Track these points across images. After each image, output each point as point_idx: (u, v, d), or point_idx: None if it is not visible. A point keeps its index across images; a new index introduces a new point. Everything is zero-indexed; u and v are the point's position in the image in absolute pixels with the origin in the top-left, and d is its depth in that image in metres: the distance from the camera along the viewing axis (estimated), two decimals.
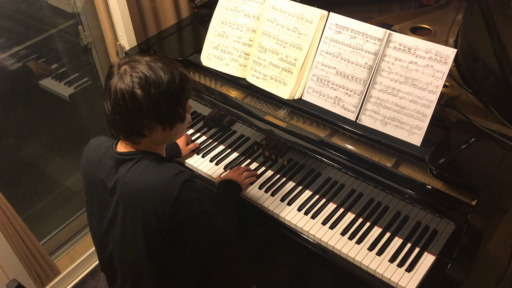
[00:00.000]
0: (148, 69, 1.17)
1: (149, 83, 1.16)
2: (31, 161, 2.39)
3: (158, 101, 1.18)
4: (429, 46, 1.40)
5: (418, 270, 1.35)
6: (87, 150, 1.36)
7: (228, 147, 1.79)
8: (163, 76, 1.18)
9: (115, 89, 1.16)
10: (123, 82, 1.16)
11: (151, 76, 1.17)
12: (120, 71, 1.18)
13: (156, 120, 1.21)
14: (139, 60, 1.19)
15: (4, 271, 1.93)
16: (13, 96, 2.13)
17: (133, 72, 1.17)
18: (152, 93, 1.16)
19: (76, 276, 2.25)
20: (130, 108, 1.17)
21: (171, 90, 1.20)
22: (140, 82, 1.16)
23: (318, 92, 1.59)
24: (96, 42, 2.27)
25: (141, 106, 1.17)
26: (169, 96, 1.20)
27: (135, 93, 1.16)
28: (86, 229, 2.54)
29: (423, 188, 1.37)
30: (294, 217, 1.52)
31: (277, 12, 1.63)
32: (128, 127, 1.21)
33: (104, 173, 1.28)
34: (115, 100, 1.17)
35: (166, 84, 1.19)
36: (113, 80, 1.17)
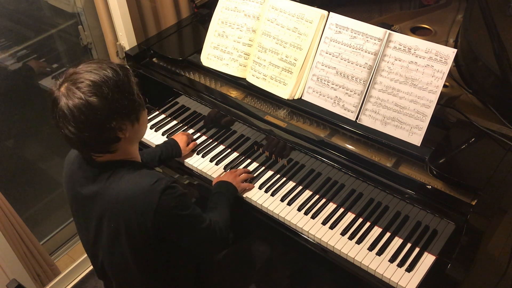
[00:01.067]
0: (89, 76, 1.13)
1: (98, 85, 1.12)
2: (31, 161, 2.39)
3: (115, 97, 1.14)
4: (429, 46, 1.40)
5: (418, 270, 1.35)
6: (66, 163, 1.34)
7: (228, 147, 1.79)
8: (106, 73, 1.15)
9: (69, 110, 1.11)
10: (73, 99, 1.11)
11: (96, 79, 1.13)
12: (62, 92, 1.12)
13: (123, 117, 1.17)
14: (75, 72, 1.15)
15: (4, 271, 1.93)
16: (13, 96, 2.13)
17: (77, 84, 1.12)
18: (106, 93, 1.13)
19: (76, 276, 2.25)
20: (93, 119, 1.12)
21: (119, 82, 1.16)
22: (90, 89, 1.11)
23: (318, 92, 1.59)
24: (96, 42, 2.27)
25: (103, 110, 1.12)
26: (122, 88, 1.16)
27: (91, 102, 1.11)
28: None
29: (423, 188, 1.37)
30: (294, 217, 1.52)
31: (277, 12, 1.63)
32: (101, 138, 1.16)
33: (81, 185, 1.26)
34: (74, 119, 1.11)
35: (112, 79, 1.15)
36: (61, 104, 1.12)
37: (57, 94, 1.13)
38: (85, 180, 1.25)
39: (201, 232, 1.31)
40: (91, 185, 1.24)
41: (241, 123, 1.69)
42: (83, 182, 1.26)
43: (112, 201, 1.21)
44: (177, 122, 1.92)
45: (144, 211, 1.19)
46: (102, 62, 1.18)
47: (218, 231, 1.36)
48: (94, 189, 1.23)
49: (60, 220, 2.51)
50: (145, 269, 1.31)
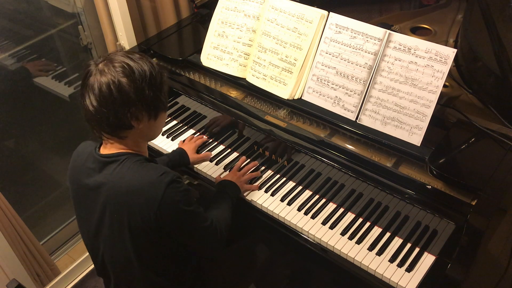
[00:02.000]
0: (128, 61, 1.20)
1: (133, 71, 1.19)
2: (31, 161, 2.39)
3: (144, 87, 1.20)
4: (429, 46, 1.40)
5: (418, 270, 1.35)
6: (73, 157, 1.36)
7: (228, 147, 1.79)
8: (144, 65, 1.22)
9: (99, 83, 1.17)
10: (106, 75, 1.17)
11: (133, 65, 1.20)
12: (99, 68, 1.19)
13: (143, 107, 1.22)
14: (115, 57, 1.22)
15: (4, 271, 1.93)
16: (13, 96, 2.13)
17: (114, 63, 1.19)
18: (137, 79, 1.19)
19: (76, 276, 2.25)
20: (117, 97, 1.17)
21: (153, 76, 1.23)
22: (124, 71, 1.18)
23: (318, 92, 1.59)
24: (96, 42, 2.27)
25: (128, 94, 1.18)
26: (153, 82, 1.22)
27: (121, 82, 1.17)
28: None
29: (423, 188, 1.37)
30: (294, 217, 1.52)
31: (277, 12, 1.63)
32: (116, 119, 1.20)
33: (88, 177, 1.27)
34: (100, 93, 1.17)
35: (148, 71, 1.22)
36: (95, 77, 1.18)
37: (93, 68, 1.20)
38: (91, 171, 1.27)
39: (201, 231, 1.32)
40: (97, 176, 1.25)
41: (241, 123, 1.69)
42: (89, 173, 1.27)
43: (117, 192, 1.22)
44: (177, 122, 1.92)
45: (148, 203, 1.20)
46: (143, 56, 1.26)
47: (218, 231, 1.37)
48: (100, 180, 1.24)
49: (60, 220, 2.51)
50: (145, 264, 1.31)
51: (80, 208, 1.35)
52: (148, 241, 1.27)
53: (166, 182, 1.20)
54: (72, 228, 2.53)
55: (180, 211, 1.24)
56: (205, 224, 1.32)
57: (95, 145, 1.32)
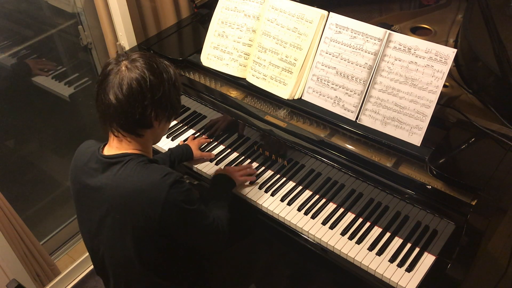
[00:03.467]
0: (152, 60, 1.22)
1: (160, 70, 1.21)
2: (31, 161, 2.39)
3: (170, 88, 1.23)
4: (429, 46, 1.40)
5: (418, 270, 1.35)
6: (75, 155, 1.35)
7: (228, 147, 1.79)
8: (166, 66, 1.25)
9: (129, 79, 1.17)
10: (135, 72, 1.18)
11: (158, 65, 1.22)
12: (122, 67, 1.19)
13: (166, 108, 1.24)
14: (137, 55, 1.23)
15: (4, 271, 1.93)
16: (13, 96, 2.13)
17: (139, 63, 1.20)
18: (164, 78, 1.21)
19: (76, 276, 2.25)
20: (147, 94, 1.18)
21: (177, 79, 1.26)
22: (152, 69, 1.19)
23: (318, 92, 1.59)
24: (96, 42, 2.27)
25: (158, 92, 1.20)
26: (176, 85, 1.26)
27: (151, 80, 1.19)
28: None
29: (423, 188, 1.37)
30: (294, 217, 1.52)
31: (277, 12, 1.63)
32: (140, 116, 1.21)
33: (90, 177, 1.27)
34: (130, 89, 1.17)
35: (171, 72, 1.25)
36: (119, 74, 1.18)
37: (114, 66, 1.20)
38: (94, 171, 1.26)
39: (204, 228, 1.33)
40: (100, 177, 1.25)
41: (241, 123, 1.69)
42: (92, 174, 1.27)
43: (121, 193, 1.22)
44: (177, 122, 1.92)
45: (152, 203, 1.20)
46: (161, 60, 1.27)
47: (220, 228, 1.37)
48: (103, 181, 1.24)
49: (60, 220, 2.51)
50: (146, 264, 1.31)
51: (81, 208, 1.35)
52: (150, 241, 1.27)
53: (169, 183, 1.20)
54: (72, 228, 2.53)
55: (184, 210, 1.25)
56: (207, 221, 1.33)
57: (98, 145, 1.31)
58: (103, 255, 1.35)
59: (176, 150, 1.69)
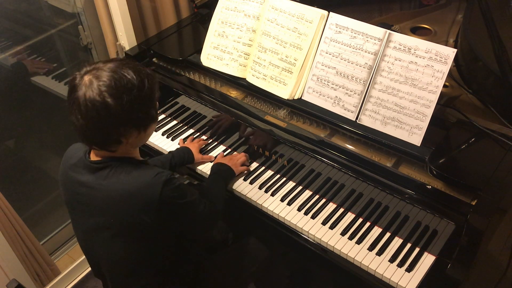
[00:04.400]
0: (115, 76, 1.13)
1: (120, 91, 1.13)
2: (31, 161, 2.39)
3: (132, 107, 1.15)
4: (429, 46, 1.40)
5: (418, 270, 1.35)
6: (63, 160, 1.33)
7: (229, 147, 1.79)
8: (132, 81, 1.15)
9: (84, 101, 1.11)
10: (92, 93, 1.11)
11: (120, 83, 1.13)
12: (84, 82, 1.13)
13: (132, 126, 1.19)
14: (103, 68, 1.15)
15: (4, 271, 1.93)
16: (13, 96, 2.13)
17: (100, 81, 1.12)
18: (124, 100, 1.13)
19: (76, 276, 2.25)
20: (104, 118, 1.13)
21: (142, 94, 1.17)
22: (110, 90, 1.12)
23: (318, 92, 1.59)
24: (96, 42, 2.27)
25: (116, 115, 1.13)
26: (142, 100, 1.17)
27: (107, 103, 1.11)
28: None
29: (423, 188, 1.37)
30: (294, 217, 1.52)
31: (277, 12, 1.63)
32: (104, 137, 1.17)
33: (80, 183, 1.25)
34: (86, 112, 1.12)
35: (136, 89, 1.15)
36: (79, 93, 1.12)
37: (79, 82, 1.13)
38: (83, 177, 1.25)
39: (197, 215, 1.35)
40: (90, 183, 1.24)
41: (241, 123, 1.69)
42: (81, 180, 1.25)
43: (113, 197, 1.21)
44: (177, 122, 1.92)
45: (147, 204, 1.20)
46: (134, 67, 1.18)
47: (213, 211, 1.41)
48: (94, 186, 1.23)
49: (60, 220, 2.51)
50: (144, 264, 1.32)
51: (74, 213, 1.34)
52: (147, 242, 1.27)
53: (161, 182, 1.20)
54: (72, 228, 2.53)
55: (177, 205, 1.26)
56: (199, 209, 1.35)
57: (85, 149, 1.29)
58: (99, 257, 1.35)
59: (177, 153, 1.68)
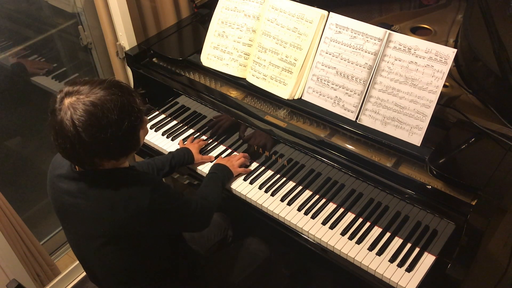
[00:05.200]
0: (94, 111, 1.08)
1: (95, 129, 1.08)
2: (31, 161, 2.39)
3: (107, 144, 1.11)
4: (429, 46, 1.40)
5: (418, 270, 1.35)
6: (50, 169, 1.30)
7: (229, 147, 1.79)
8: (111, 121, 1.09)
9: (60, 128, 1.09)
10: (67, 123, 1.07)
11: (96, 121, 1.08)
12: (64, 107, 1.09)
13: (108, 157, 1.16)
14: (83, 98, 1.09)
15: (4, 271, 1.93)
16: (13, 96, 2.13)
17: (76, 114, 1.07)
18: (100, 138, 1.10)
19: (76, 276, 2.25)
20: (78, 150, 1.10)
21: (119, 133, 1.12)
22: (84, 126, 1.07)
23: (318, 92, 1.59)
24: (96, 42, 2.26)
25: (90, 149, 1.11)
26: (117, 138, 1.12)
27: (82, 137, 1.08)
28: None
29: (423, 188, 1.37)
30: (294, 217, 1.52)
31: (277, 12, 1.63)
32: (80, 161, 1.15)
33: (67, 193, 1.23)
34: (62, 139, 1.10)
35: (114, 127, 1.10)
36: (57, 118, 1.09)
37: (59, 106, 1.10)
38: (71, 187, 1.22)
39: (189, 215, 1.36)
40: (77, 192, 1.21)
41: (241, 123, 1.69)
42: (69, 190, 1.22)
43: (101, 207, 1.19)
44: (177, 122, 1.92)
45: (137, 214, 1.19)
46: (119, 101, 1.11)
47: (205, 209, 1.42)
48: (81, 196, 1.21)
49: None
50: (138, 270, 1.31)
51: (66, 222, 1.32)
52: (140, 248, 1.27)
53: (149, 189, 1.20)
54: None
55: (168, 210, 1.26)
56: (191, 207, 1.35)
57: None
58: (93, 265, 1.34)
59: (177, 154, 1.68)
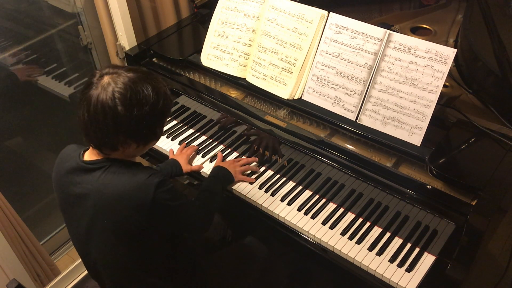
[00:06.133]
0: (133, 87, 1.13)
1: (133, 103, 1.13)
2: (31, 161, 2.39)
3: (139, 122, 1.15)
4: (429, 46, 1.40)
5: (418, 270, 1.35)
6: (57, 161, 1.33)
7: (228, 147, 1.79)
8: (148, 98, 1.15)
9: (96, 101, 1.12)
10: (105, 96, 1.12)
11: (135, 96, 1.13)
12: (102, 82, 1.14)
13: (132, 139, 1.19)
14: (123, 75, 1.15)
15: (4, 271, 1.93)
16: (13, 96, 2.13)
17: (117, 87, 1.12)
18: (134, 113, 1.13)
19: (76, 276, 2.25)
20: (109, 123, 1.13)
21: (153, 112, 1.17)
22: (123, 99, 1.12)
23: (318, 92, 1.59)
24: (96, 42, 2.26)
25: (121, 124, 1.14)
26: (151, 118, 1.17)
27: (117, 110, 1.12)
28: None
29: (423, 188, 1.37)
30: (294, 217, 1.52)
31: (277, 12, 1.63)
32: (102, 140, 1.18)
33: (73, 184, 1.25)
34: (94, 112, 1.13)
35: (149, 106, 1.15)
36: (93, 91, 1.13)
37: (97, 81, 1.14)
38: (77, 178, 1.25)
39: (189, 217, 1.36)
40: (83, 184, 1.24)
41: (241, 123, 1.69)
42: (75, 181, 1.25)
43: (106, 199, 1.21)
44: (177, 122, 1.92)
45: (139, 206, 1.20)
46: (154, 84, 1.17)
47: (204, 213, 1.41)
48: (87, 187, 1.23)
49: (60, 220, 2.51)
50: (139, 265, 1.32)
51: (69, 215, 1.34)
52: (141, 243, 1.27)
53: (154, 183, 1.20)
54: None
55: (170, 208, 1.26)
56: (192, 210, 1.36)
57: (79, 151, 1.29)
58: (95, 259, 1.35)
59: (164, 167, 1.66)
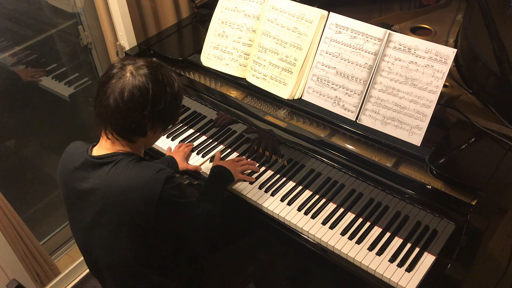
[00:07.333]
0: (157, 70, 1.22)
1: (164, 83, 1.21)
2: (31, 161, 2.39)
3: (172, 100, 1.24)
4: (429, 46, 1.40)
5: (418, 270, 1.35)
6: (63, 158, 1.34)
7: (228, 147, 1.79)
8: (172, 77, 1.25)
9: (131, 87, 1.17)
10: (138, 80, 1.18)
11: (162, 77, 1.22)
12: (129, 70, 1.19)
13: (164, 120, 1.26)
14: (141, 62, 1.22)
15: (4, 271, 1.93)
16: (13, 96, 2.13)
17: (145, 72, 1.19)
18: (168, 92, 1.22)
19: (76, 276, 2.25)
20: (147, 105, 1.19)
21: (179, 92, 1.27)
22: (156, 81, 1.20)
23: (318, 92, 1.59)
24: (96, 42, 2.27)
25: (159, 104, 1.20)
26: (178, 99, 1.27)
27: (154, 91, 1.19)
28: None
29: (423, 188, 1.37)
30: (294, 217, 1.52)
31: (277, 12, 1.63)
32: (136, 125, 1.21)
33: (81, 180, 1.26)
34: (131, 98, 1.17)
35: (177, 84, 1.25)
36: (122, 80, 1.18)
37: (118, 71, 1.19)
38: (85, 173, 1.26)
39: (194, 218, 1.36)
40: (91, 179, 1.25)
41: (241, 123, 1.69)
42: (82, 176, 1.26)
43: (114, 193, 1.22)
44: (177, 122, 1.92)
45: (147, 201, 1.20)
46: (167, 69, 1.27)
47: (210, 216, 1.40)
48: (95, 182, 1.24)
49: (60, 220, 2.51)
50: (142, 262, 1.32)
51: (73, 210, 1.34)
52: (145, 238, 1.28)
53: (163, 179, 1.21)
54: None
55: (177, 204, 1.27)
56: (197, 211, 1.36)
57: (86, 147, 1.30)
58: (97, 255, 1.35)
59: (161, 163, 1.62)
